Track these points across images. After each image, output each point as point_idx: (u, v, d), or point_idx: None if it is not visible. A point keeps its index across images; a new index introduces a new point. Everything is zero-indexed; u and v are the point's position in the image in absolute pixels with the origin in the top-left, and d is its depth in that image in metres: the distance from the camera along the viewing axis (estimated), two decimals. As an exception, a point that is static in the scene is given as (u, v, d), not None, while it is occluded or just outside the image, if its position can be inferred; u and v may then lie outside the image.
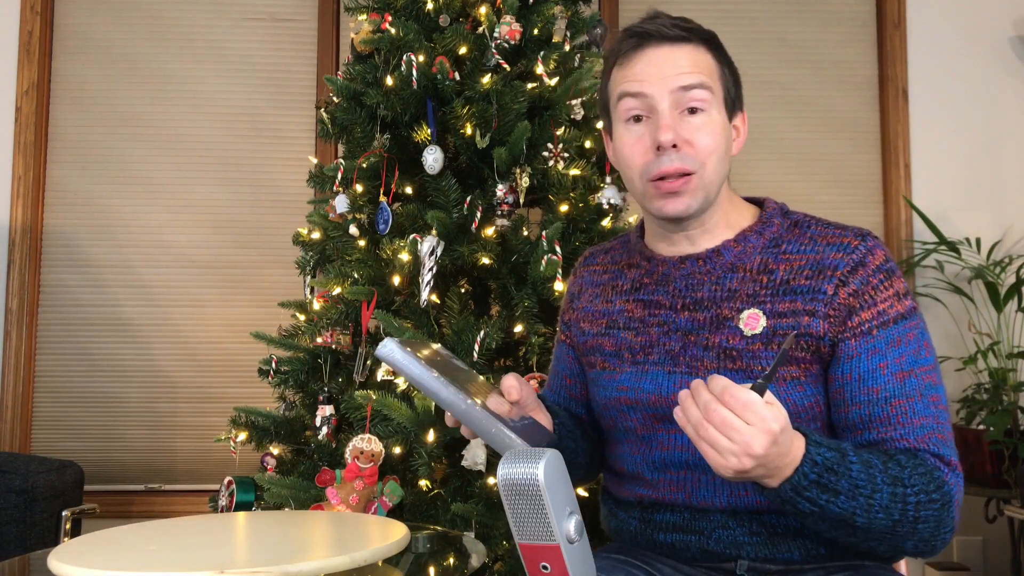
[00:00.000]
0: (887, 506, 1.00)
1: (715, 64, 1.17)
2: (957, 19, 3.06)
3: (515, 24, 1.97)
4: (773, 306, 1.13)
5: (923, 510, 1.01)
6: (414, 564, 1.17)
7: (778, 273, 1.14)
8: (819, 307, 1.10)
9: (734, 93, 1.20)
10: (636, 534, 1.22)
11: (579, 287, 1.35)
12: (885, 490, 0.99)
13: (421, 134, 1.97)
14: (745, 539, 1.13)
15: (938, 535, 1.04)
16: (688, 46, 1.16)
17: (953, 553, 2.86)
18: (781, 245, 1.17)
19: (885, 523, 1.00)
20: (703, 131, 1.13)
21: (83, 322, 2.93)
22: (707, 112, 1.14)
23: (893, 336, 1.10)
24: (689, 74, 1.13)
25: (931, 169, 3.02)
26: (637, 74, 1.15)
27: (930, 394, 1.09)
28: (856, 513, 0.99)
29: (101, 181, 2.98)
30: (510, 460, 0.87)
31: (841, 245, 1.13)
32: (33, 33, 2.94)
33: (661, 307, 1.21)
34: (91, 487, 2.73)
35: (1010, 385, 2.58)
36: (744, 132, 1.23)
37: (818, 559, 1.13)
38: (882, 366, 1.09)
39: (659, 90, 1.13)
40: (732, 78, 1.20)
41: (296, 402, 2.06)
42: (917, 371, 1.09)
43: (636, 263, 1.27)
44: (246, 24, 3.05)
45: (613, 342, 1.24)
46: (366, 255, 1.93)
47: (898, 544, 1.04)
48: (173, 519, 1.24)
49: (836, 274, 1.11)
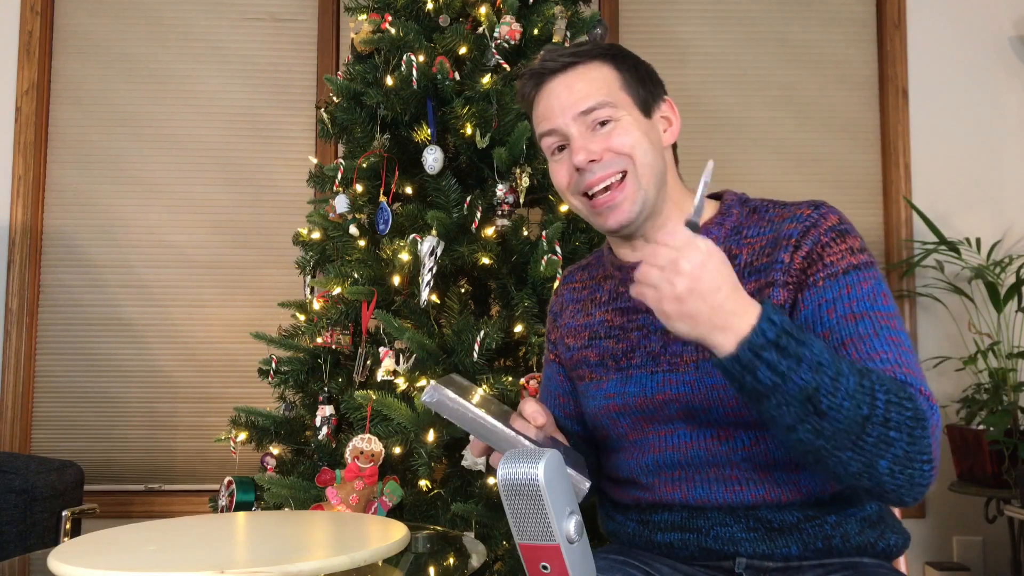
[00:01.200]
0: (854, 394, 0.94)
1: (614, 74, 1.20)
2: (957, 19, 3.06)
3: (515, 24, 1.97)
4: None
5: (893, 411, 0.95)
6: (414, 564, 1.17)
7: (741, 257, 1.16)
8: (778, 276, 1.11)
9: (646, 91, 1.21)
10: (634, 535, 1.22)
11: (560, 305, 1.37)
12: (852, 378, 0.94)
13: (421, 134, 1.97)
14: (743, 535, 1.13)
15: (914, 459, 0.97)
16: (580, 68, 1.20)
17: (953, 553, 2.86)
18: (742, 232, 1.19)
19: (853, 416, 0.94)
20: (616, 134, 1.17)
21: (83, 322, 2.93)
22: (618, 120, 1.17)
23: (843, 284, 1.08)
24: (586, 97, 1.17)
25: (931, 169, 3.02)
26: (543, 112, 1.21)
27: (888, 335, 1.05)
28: (820, 391, 0.93)
29: (101, 181, 2.98)
30: (510, 460, 0.87)
31: (795, 216, 1.14)
32: (33, 33, 2.94)
33: (638, 311, 1.22)
34: (91, 487, 2.73)
35: (1010, 385, 2.58)
36: (676, 120, 1.25)
37: (816, 555, 1.13)
38: (830, 311, 1.07)
39: (564, 120, 1.18)
40: (639, 77, 1.22)
41: (296, 402, 2.06)
42: (872, 314, 1.06)
43: (610, 274, 1.30)
44: (246, 24, 3.05)
45: (597, 352, 1.26)
46: (366, 255, 1.93)
47: (871, 462, 0.96)
48: (173, 519, 1.25)
49: (791, 242, 1.12)
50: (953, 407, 2.69)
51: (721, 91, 3.06)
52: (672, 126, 1.24)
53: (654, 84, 1.23)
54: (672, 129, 1.24)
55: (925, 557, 2.85)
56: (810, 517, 1.12)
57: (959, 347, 2.88)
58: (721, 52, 3.07)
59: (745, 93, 3.07)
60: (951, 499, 2.84)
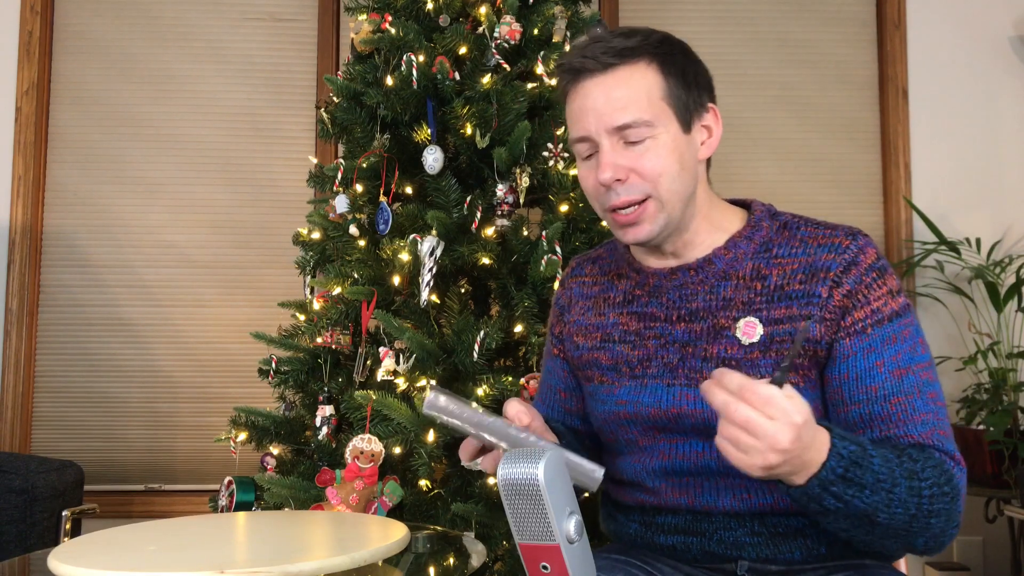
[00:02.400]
0: (905, 500, 0.99)
1: (658, 79, 1.12)
2: (957, 19, 3.06)
3: (515, 24, 1.97)
4: (769, 313, 1.12)
5: (936, 503, 1.01)
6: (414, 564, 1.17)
7: (771, 279, 1.14)
8: (815, 311, 1.10)
9: (690, 98, 1.14)
10: (636, 536, 1.21)
11: (568, 299, 1.33)
12: (903, 483, 0.99)
13: (421, 134, 1.97)
14: (747, 539, 1.12)
15: (947, 530, 1.04)
16: (622, 71, 1.12)
17: (953, 553, 2.86)
18: (772, 249, 1.16)
19: (903, 518, 0.99)
20: (647, 157, 1.11)
21: (83, 322, 2.93)
22: (652, 139, 1.11)
23: (888, 334, 1.09)
24: (623, 110, 1.10)
25: (931, 169, 3.02)
26: (576, 114, 1.14)
27: (928, 391, 1.09)
28: (878, 508, 0.98)
29: (101, 181, 2.98)
30: (510, 460, 0.87)
31: (832, 246, 1.12)
32: (33, 33, 2.94)
33: (656, 319, 1.19)
34: (91, 487, 2.73)
35: (1010, 385, 2.58)
36: (717, 130, 1.19)
37: (819, 559, 1.12)
38: (879, 364, 1.09)
39: (596, 130, 1.12)
40: (686, 82, 1.14)
41: (296, 402, 2.06)
42: (914, 368, 1.09)
43: (625, 273, 1.26)
44: (246, 24, 3.05)
45: (610, 356, 1.23)
46: (366, 255, 1.93)
47: (911, 541, 1.03)
48: (173, 519, 1.24)
49: (829, 275, 1.10)
50: (953, 407, 2.69)
51: (721, 91, 3.02)
52: (711, 137, 1.18)
53: (700, 89, 1.17)
54: (710, 141, 1.18)
55: (925, 557, 2.85)
56: (815, 523, 1.12)
57: (959, 347, 2.88)
58: (721, 52, 3.06)
59: (745, 93, 3.07)
60: (951, 499, 2.84)
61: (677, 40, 1.18)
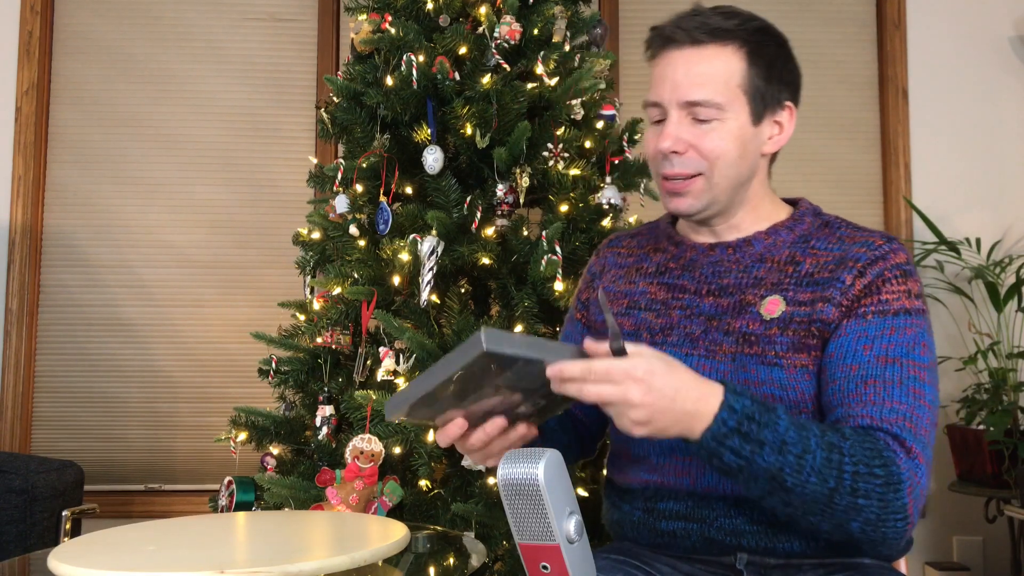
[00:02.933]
0: (820, 470, 0.98)
1: (742, 66, 1.16)
2: (957, 19, 3.06)
3: (515, 24, 1.97)
4: (795, 294, 1.15)
5: (861, 482, 0.99)
6: (414, 564, 1.17)
7: (804, 265, 1.17)
8: (835, 294, 1.12)
9: (769, 92, 1.18)
10: (639, 524, 1.21)
11: (601, 267, 1.37)
12: (819, 453, 0.98)
13: (421, 134, 1.97)
14: (746, 528, 1.13)
15: (886, 520, 1.01)
16: (710, 49, 1.15)
17: (953, 553, 2.86)
18: (810, 241, 1.20)
19: (819, 490, 0.98)
20: (709, 137, 1.15)
21: (83, 322, 2.93)
22: (719, 121, 1.15)
23: (888, 325, 1.10)
24: (699, 87, 1.14)
25: (931, 169, 3.02)
26: (656, 81, 1.18)
27: (912, 386, 1.07)
28: (784, 471, 0.97)
29: (101, 181, 2.98)
30: (510, 460, 0.87)
31: (866, 243, 1.16)
32: (33, 33, 2.94)
33: (685, 291, 1.23)
34: (91, 487, 2.72)
35: (1010, 385, 2.58)
36: (788, 128, 1.22)
37: (817, 553, 1.12)
38: (866, 347, 1.09)
39: (669, 100, 1.16)
40: (769, 76, 1.18)
41: (296, 402, 2.06)
42: (904, 362, 1.08)
43: (663, 247, 1.30)
44: (246, 24, 3.05)
45: (633, 322, 1.26)
46: (366, 255, 1.93)
47: (841, 524, 1.01)
48: (173, 519, 1.25)
49: (856, 265, 1.13)
50: (953, 407, 2.69)
51: (721, 91, 3.05)
52: (781, 134, 1.22)
53: (782, 85, 1.20)
54: (779, 137, 1.22)
55: (925, 557, 2.85)
56: None
57: (959, 347, 2.88)
58: (721, 52, 3.06)
59: (745, 93, 3.06)
60: (951, 499, 2.84)
61: (777, 33, 1.22)
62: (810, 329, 1.12)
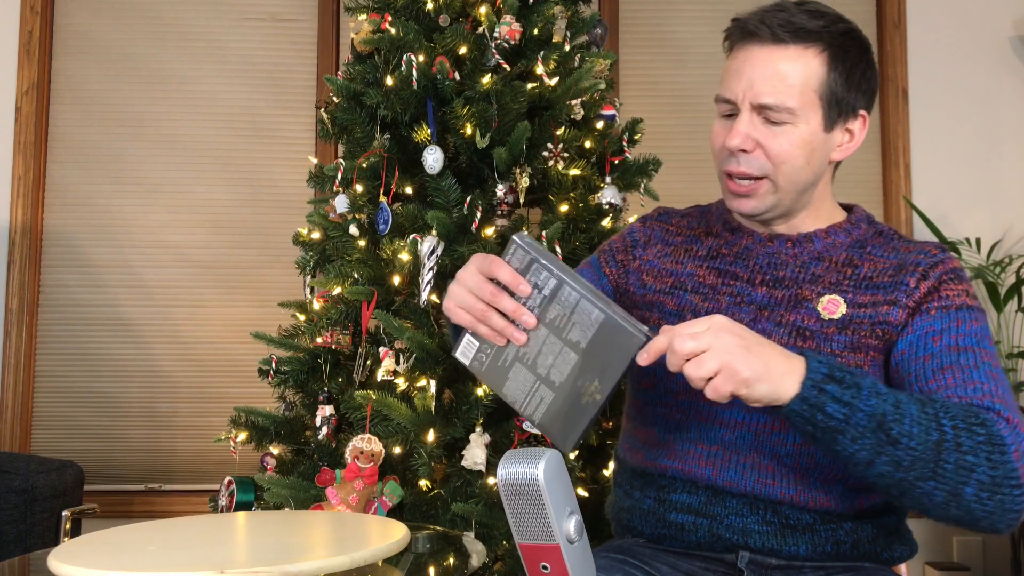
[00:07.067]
0: (919, 419, 0.96)
1: (822, 71, 1.13)
2: (957, 19, 3.06)
3: (515, 24, 1.97)
4: (855, 296, 1.15)
5: (963, 436, 0.96)
6: (414, 564, 1.17)
7: (862, 269, 1.18)
8: (900, 296, 1.13)
9: (845, 100, 1.15)
10: (648, 513, 1.20)
11: (647, 237, 1.33)
12: (912, 405, 0.97)
13: (421, 134, 1.97)
14: (756, 527, 1.12)
15: (1001, 484, 0.96)
16: (791, 50, 1.12)
17: (953, 553, 2.86)
18: (866, 247, 1.21)
19: (924, 440, 0.95)
20: (778, 139, 1.13)
21: (83, 322, 2.93)
22: (791, 125, 1.13)
23: (953, 317, 1.11)
24: (772, 92, 1.12)
25: (931, 169, 3.02)
26: (731, 75, 1.17)
27: (989, 369, 1.07)
28: (888, 417, 0.95)
29: (101, 181, 2.98)
30: (510, 460, 0.87)
31: (923, 251, 1.17)
32: (33, 33, 2.94)
33: (737, 279, 1.22)
34: (91, 487, 2.73)
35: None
36: (859, 137, 1.21)
37: (822, 557, 1.12)
38: (936, 339, 1.09)
39: (742, 97, 1.14)
40: (847, 83, 1.15)
41: (296, 402, 2.06)
42: (976, 350, 1.08)
43: (716, 232, 1.28)
44: (246, 24, 3.05)
45: (676, 302, 1.24)
46: (366, 255, 1.94)
47: (956, 490, 0.96)
48: (173, 519, 1.24)
49: (918, 270, 1.14)
50: (953, 407, 2.70)
51: (721, 91, 3.05)
52: (851, 142, 1.21)
53: (860, 93, 1.17)
54: (848, 145, 1.21)
55: (925, 557, 2.85)
56: (827, 520, 1.12)
57: (959, 347, 2.88)
58: (721, 52, 3.05)
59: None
60: (951, 499, 2.84)
61: (861, 37, 1.18)
62: (873, 330, 1.13)
